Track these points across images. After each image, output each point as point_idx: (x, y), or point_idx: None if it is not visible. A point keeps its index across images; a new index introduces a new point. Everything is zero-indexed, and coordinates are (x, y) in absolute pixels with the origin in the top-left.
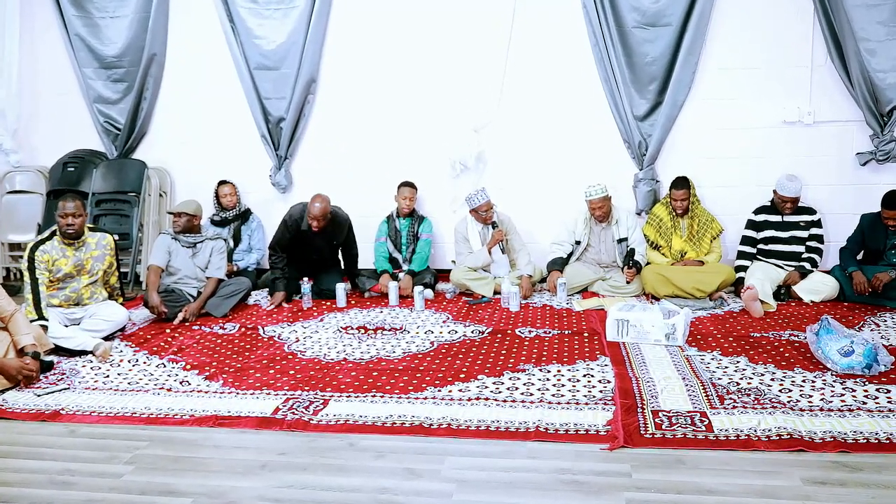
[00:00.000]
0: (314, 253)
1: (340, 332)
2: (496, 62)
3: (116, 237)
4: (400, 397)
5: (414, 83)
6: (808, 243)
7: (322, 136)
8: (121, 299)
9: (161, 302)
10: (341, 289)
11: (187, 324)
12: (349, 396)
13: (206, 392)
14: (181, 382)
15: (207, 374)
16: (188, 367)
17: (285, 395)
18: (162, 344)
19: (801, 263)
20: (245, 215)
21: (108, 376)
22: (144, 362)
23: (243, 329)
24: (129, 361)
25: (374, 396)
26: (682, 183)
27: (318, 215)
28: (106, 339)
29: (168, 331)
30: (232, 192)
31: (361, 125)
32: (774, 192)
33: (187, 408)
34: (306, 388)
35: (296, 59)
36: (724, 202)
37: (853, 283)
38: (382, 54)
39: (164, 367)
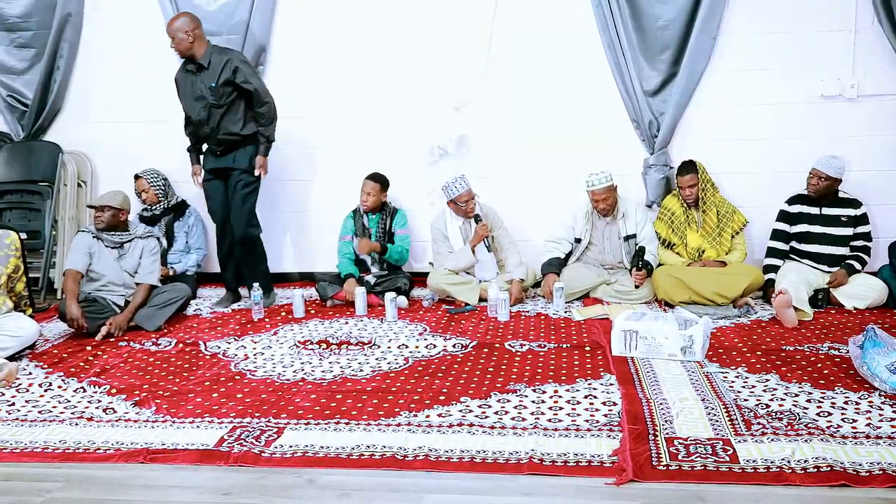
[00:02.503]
0: (201, 105)
1: (298, 347)
2: (481, 28)
3: (24, 235)
4: (368, 424)
5: (384, 52)
6: (852, 243)
7: None
8: (30, 310)
9: (81, 314)
10: (299, 296)
11: (113, 339)
12: (308, 424)
13: (135, 421)
14: (105, 410)
15: (137, 399)
16: (113, 391)
17: (231, 423)
18: (81, 364)
19: (850, 263)
20: (179, 209)
21: (13, 404)
22: (59, 386)
23: (181, 345)
24: (39, 386)
25: (337, 423)
26: (688, 167)
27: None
28: (10, 358)
29: (89, 348)
30: (146, 188)
31: (321, 102)
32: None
33: (112, 440)
34: (257, 414)
35: (242, 23)
36: (751, 191)
37: None
38: (346, 18)
39: (84, 391)
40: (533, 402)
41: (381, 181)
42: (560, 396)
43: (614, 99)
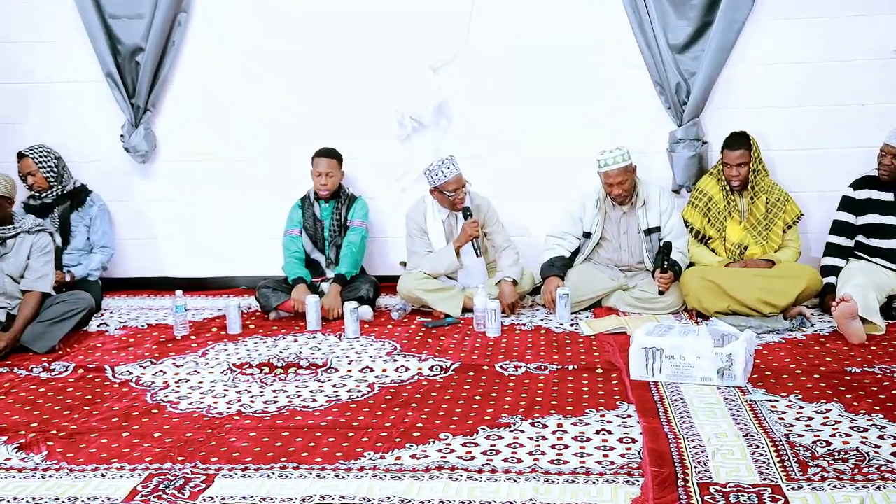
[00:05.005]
0: None
1: (233, 371)
2: None
3: None
4: (323, 469)
5: None
6: None
7: (201, 77)
8: None
9: None
10: (234, 308)
11: None
12: (246, 469)
13: (19, 470)
14: None
15: (22, 441)
16: None
17: (147, 469)
18: None
19: None
20: (78, 196)
21: None
22: None
23: (81, 370)
24: None
25: (283, 468)
26: (739, 141)
27: None
28: None
29: None
30: (32, 170)
31: (263, 61)
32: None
33: None
34: (180, 458)
35: None
36: (805, 173)
37: None
38: None
39: None
40: (531, 439)
41: (336, 156)
42: (565, 432)
43: (633, 56)
